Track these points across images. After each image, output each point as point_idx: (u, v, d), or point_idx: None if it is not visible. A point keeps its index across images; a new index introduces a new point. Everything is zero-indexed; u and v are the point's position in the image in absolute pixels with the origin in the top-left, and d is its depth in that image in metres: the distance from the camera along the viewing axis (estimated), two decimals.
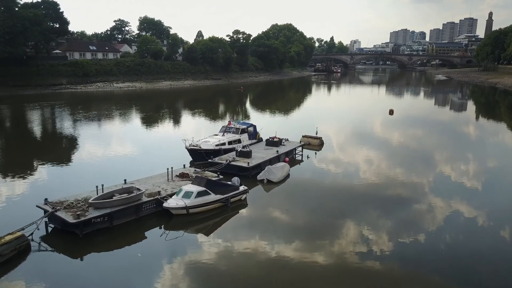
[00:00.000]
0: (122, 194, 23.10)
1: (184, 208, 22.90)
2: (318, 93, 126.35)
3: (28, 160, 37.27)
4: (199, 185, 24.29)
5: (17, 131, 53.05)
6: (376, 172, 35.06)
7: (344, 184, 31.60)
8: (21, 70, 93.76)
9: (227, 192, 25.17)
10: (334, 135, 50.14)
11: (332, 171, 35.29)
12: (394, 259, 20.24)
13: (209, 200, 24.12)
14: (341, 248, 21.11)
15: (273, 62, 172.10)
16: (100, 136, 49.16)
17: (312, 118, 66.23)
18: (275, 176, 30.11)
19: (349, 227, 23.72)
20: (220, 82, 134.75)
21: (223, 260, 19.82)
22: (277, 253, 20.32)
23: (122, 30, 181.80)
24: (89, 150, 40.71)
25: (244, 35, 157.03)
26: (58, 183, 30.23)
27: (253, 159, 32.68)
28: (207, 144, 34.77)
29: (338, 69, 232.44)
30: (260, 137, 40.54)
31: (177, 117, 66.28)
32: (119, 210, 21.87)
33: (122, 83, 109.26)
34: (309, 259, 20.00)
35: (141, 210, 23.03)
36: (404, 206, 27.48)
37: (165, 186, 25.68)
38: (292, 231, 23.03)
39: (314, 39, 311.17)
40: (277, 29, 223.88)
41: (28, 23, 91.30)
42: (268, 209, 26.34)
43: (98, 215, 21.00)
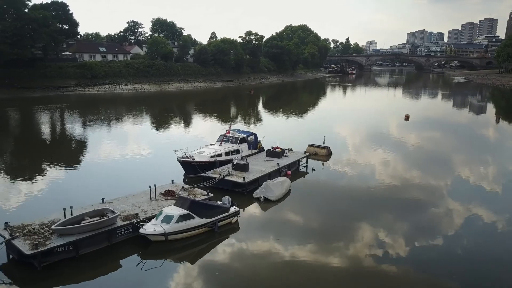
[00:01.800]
0: (94, 217, 20.38)
1: (162, 234, 20.04)
2: (331, 95, 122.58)
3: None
4: (182, 207, 21.41)
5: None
6: (389, 186, 31.95)
7: (352, 201, 28.35)
8: (28, 72, 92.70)
9: (215, 215, 22.23)
10: (343, 144, 46.76)
11: (339, 185, 32.14)
12: (410, 263, 20.01)
13: (193, 225, 21.22)
14: (356, 252, 20.81)
15: (286, 64, 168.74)
16: (87, 145, 46.45)
17: (323, 123, 62.88)
18: (273, 193, 27.05)
19: (362, 237, 21.63)
20: (231, 84, 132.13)
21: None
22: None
23: (135, 32, 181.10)
24: (72, 161, 37.82)
25: (256, 36, 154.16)
26: (31, 201, 26.95)
27: (250, 173, 29.70)
28: (201, 155, 31.88)
29: (353, 70, 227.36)
30: (261, 147, 37.48)
31: (178, 122, 63.42)
32: (88, 237, 19.15)
33: (131, 85, 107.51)
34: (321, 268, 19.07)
35: (115, 236, 20.28)
36: (421, 210, 26.95)
37: (145, 207, 22.89)
38: (289, 263, 20.04)
39: (329, 40, 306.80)
40: (291, 30, 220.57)
41: (36, 25, 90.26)
42: (262, 233, 23.27)
43: (61, 244, 18.32)
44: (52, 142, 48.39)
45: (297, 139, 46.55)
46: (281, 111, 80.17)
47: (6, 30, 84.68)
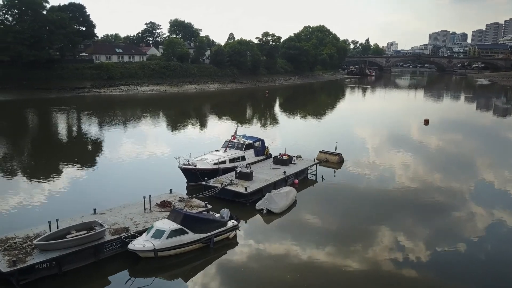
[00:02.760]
0: (81, 231, 19.19)
1: (151, 251, 18.68)
2: (348, 98, 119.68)
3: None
4: (174, 221, 20.02)
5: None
6: (405, 194, 30.36)
7: (363, 213, 26.45)
8: (46, 73, 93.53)
9: (211, 230, 20.75)
10: (357, 150, 44.57)
11: (351, 194, 30.24)
12: (431, 268, 19.70)
13: (186, 241, 19.80)
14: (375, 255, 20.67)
15: (304, 65, 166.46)
16: (89, 149, 45.59)
17: (338, 127, 60.88)
18: (276, 205, 25.41)
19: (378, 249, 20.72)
20: (247, 85, 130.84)
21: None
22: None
23: (153, 33, 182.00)
24: (71, 166, 36.53)
25: (273, 37, 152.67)
26: (21, 209, 25.81)
27: (254, 182, 28.14)
28: (204, 162, 30.45)
29: (373, 72, 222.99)
30: (269, 153, 35.86)
31: (187, 125, 61.72)
32: (72, 252, 17.97)
33: (146, 86, 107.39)
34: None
35: (102, 252, 19.04)
36: (442, 214, 26.63)
37: (138, 219, 21.60)
38: (290, 283, 18.43)
39: (349, 41, 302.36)
40: (309, 31, 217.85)
41: (53, 27, 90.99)
42: (262, 250, 21.66)
43: (43, 260, 17.16)
44: (55, 144, 47.55)
45: (308, 145, 44.90)
46: (295, 114, 78.34)
47: (25, 32, 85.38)
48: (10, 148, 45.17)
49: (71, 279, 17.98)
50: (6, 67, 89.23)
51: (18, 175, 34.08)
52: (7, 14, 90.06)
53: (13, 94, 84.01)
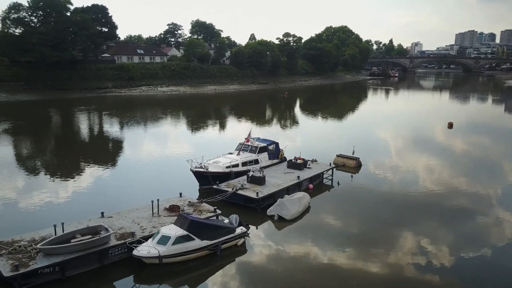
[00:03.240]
0: (86, 235, 18.89)
1: (156, 257, 18.21)
2: (369, 99, 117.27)
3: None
4: (181, 227, 19.50)
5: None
6: (426, 201, 29.00)
7: (381, 220, 25.37)
8: (68, 73, 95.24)
9: (218, 236, 20.15)
10: (376, 154, 43.21)
11: (367, 200, 29.12)
12: (454, 274, 19.39)
13: (191, 248, 19.24)
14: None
15: (325, 66, 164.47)
16: (105, 150, 45.55)
17: (357, 130, 59.46)
18: (288, 211, 24.60)
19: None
20: (266, 86, 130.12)
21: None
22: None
23: (175, 34, 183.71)
24: (87, 168, 36.26)
25: (294, 38, 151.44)
26: (33, 211, 25.66)
27: (266, 186, 27.40)
28: (216, 165, 29.89)
29: (396, 73, 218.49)
30: (283, 157, 35.02)
31: (203, 127, 61.12)
32: (76, 257, 17.67)
33: (166, 87, 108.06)
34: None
35: (107, 257, 18.69)
36: (468, 219, 26.20)
37: (145, 224, 21.19)
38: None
39: (372, 42, 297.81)
40: (331, 31, 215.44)
41: (76, 28, 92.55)
42: (271, 258, 20.91)
43: (46, 265, 16.90)
44: (73, 145, 47.78)
45: (326, 148, 43.95)
46: (314, 116, 77.20)
47: (49, 33, 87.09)
48: (27, 148, 45.76)
49: (74, 284, 17.69)
50: (32, 68, 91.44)
51: (32, 175, 34.31)
52: (32, 16, 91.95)
53: (37, 94, 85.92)
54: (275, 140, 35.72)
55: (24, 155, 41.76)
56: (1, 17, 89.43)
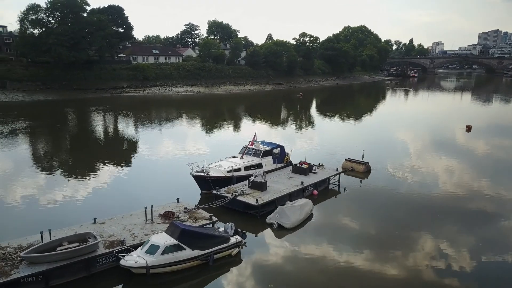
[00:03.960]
0: (73, 242, 18.30)
1: (144, 268, 17.46)
2: (386, 100, 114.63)
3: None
4: (172, 235, 18.72)
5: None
6: (440, 206, 27.89)
7: (390, 227, 24.12)
8: (84, 74, 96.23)
9: (211, 246, 19.30)
10: (388, 157, 41.74)
11: (375, 207, 27.90)
12: (475, 278, 19.08)
13: (182, 258, 18.45)
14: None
15: (342, 66, 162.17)
16: (110, 152, 44.54)
17: (371, 132, 57.83)
18: (288, 220, 23.56)
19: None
20: (282, 87, 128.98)
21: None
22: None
23: (191, 34, 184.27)
24: (89, 170, 35.53)
25: (311, 38, 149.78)
26: (22, 216, 25.11)
27: (267, 192, 26.42)
28: (218, 169, 29.07)
29: (415, 73, 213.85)
30: (289, 161, 33.93)
31: (213, 128, 60.52)
32: (62, 266, 17.08)
33: (181, 87, 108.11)
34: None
35: (94, 266, 18.04)
36: (489, 223, 25.67)
37: (137, 231, 20.49)
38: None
39: (392, 42, 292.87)
40: (349, 31, 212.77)
41: (93, 29, 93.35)
42: (267, 269, 19.98)
43: (29, 274, 16.35)
44: (79, 146, 47.78)
45: (336, 151, 42.69)
46: (327, 117, 75.71)
47: (65, 34, 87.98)
48: (31, 149, 45.77)
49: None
50: (49, 68, 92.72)
51: (28, 177, 33.96)
52: (49, 17, 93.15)
53: (54, 94, 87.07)
54: (280, 144, 34.59)
55: (27, 156, 41.55)
56: (20, 18, 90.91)
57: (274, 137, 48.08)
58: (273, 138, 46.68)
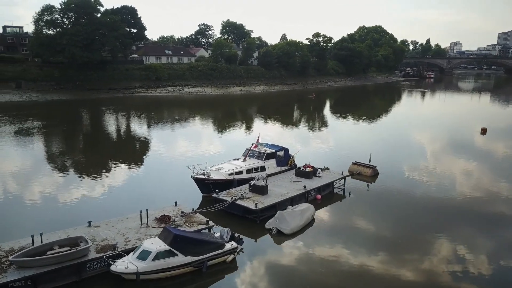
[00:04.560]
0: (64, 246, 18.01)
1: (134, 274, 17.05)
2: (401, 101, 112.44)
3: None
4: (164, 241, 18.28)
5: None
6: (452, 211, 26.85)
7: (394, 234, 23.23)
8: (98, 74, 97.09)
9: (204, 252, 18.80)
10: (397, 161, 40.64)
11: (380, 213, 27.01)
12: (493, 283, 18.72)
13: (173, 264, 17.98)
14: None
15: (356, 66, 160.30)
16: (117, 152, 44.31)
17: (382, 135, 56.67)
18: (287, 225, 22.89)
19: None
20: (294, 87, 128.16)
21: None
22: None
23: (205, 34, 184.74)
24: (93, 171, 35.43)
25: (324, 38, 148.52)
26: (15, 218, 24.84)
27: (268, 196, 25.79)
28: (219, 172, 28.56)
29: (432, 74, 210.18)
30: (293, 164, 33.23)
31: (221, 129, 59.97)
32: (51, 270, 16.80)
33: (192, 87, 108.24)
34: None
35: (85, 271, 17.72)
36: (509, 226, 25.34)
37: (131, 235, 20.12)
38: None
39: (408, 42, 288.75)
40: (364, 31, 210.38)
41: (106, 29, 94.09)
42: (263, 277, 19.35)
43: (17, 278, 16.09)
44: (87, 146, 48.01)
45: (344, 154, 41.69)
46: (338, 119, 74.64)
47: (79, 35, 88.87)
48: (36, 149, 46.10)
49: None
50: (63, 68, 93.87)
51: (37, 176, 34.06)
52: (63, 17, 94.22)
53: (68, 94, 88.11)
54: (284, 146, 33.85)
55: (31, 156, 41.82)
56: (35, 19, 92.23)
57: (282, 139, 47.45)
58: (281, 139, 46.09)
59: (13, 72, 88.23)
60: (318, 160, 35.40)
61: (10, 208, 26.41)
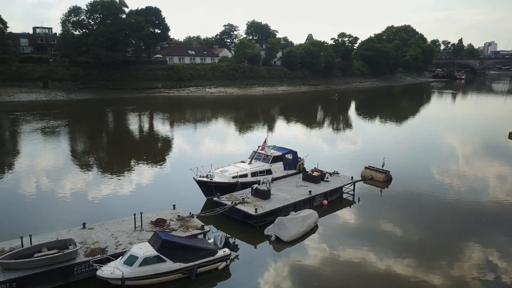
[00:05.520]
0: (53, 249, 17.79)
1: (119, 279, 16.60)
2: (429, 103, 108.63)
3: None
4: (153, 246, 17.77)
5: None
6: (463, 228, 24.80)
7: (401, 246, 21.94)
8: (121, 74, 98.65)
9: (194, 259, 18.17)
10: (413, 166, 38.80)
11: (389, 220, 25.65)
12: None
13: (161, 271, 17.44)
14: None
15: (383, 67, 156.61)
16: (130, 152, 44.28)
17: (402, 138, 54.70)
18: (287, 232, 21.98)
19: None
20: (318, 88, 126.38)
21: None
22: None
23: (230, 35, 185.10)
24: (94, 169, 35.81)
25: (350, 38, 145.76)
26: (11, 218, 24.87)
27: (270, 201, 24.95)
28: (222, 175, 27.93)
29: (463, 75, 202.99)
30: (302, 167, 32.18)
31: (235, 131, 59.36)
32: (37, 273, 16.59)
33: (214, 88, 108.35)
34: None
35: (73, 274, 17.43)
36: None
37: (123, 239, 19.74)
38: None
39: (439, 42, 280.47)
40: (392, 31, 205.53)
41: (130, 30, 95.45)
42: (257, 287, 18.53)
43: (2, 280, 15.97)
44: (100, 145, 48.40)
45: (358, 158, 40.32)
46: (360, 120, 72.76)
47: (103, 35, 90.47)
48: (48, 147, 46.76)
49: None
50: (88, 68, 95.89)
51: (45, 174, 34.37)
52: (90, 18, 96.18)
53: (91, 94, 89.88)
54: (293, 149, 32.83)
55: (43, 153, 42.42)
56: (62, 20, 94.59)
57: (296, 141, 46.51)
58: (294, 141, 45.23)
59: (41, 72, 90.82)
60: (330, 164, 34.37)
61: (13, 207, 26.64)
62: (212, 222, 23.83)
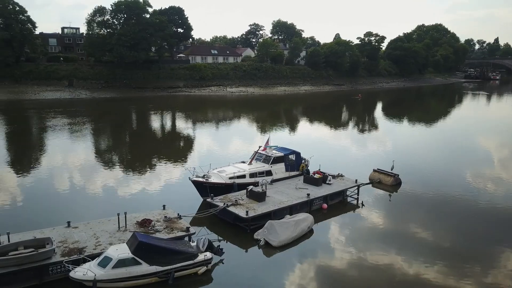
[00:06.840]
0: (30, 247, 17.49)
1: (91, 281, 16.08)
2: (459, 105, 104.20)
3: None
4: (130, 247, 17.17)
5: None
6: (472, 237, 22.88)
7: (402, 256, 20.51)
8: (144, 73, 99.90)
9: (172, 262, 17.44)
10: (428, 171, 36.77)
11: (393, 226, 24.23)
12: None
13: (136, 274, 16.79)
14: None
15: (411, 67, 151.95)
16: (140, 150, 43.90)
17: (420, 141, 52.36)
18: (276, 237, 20.92)
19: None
20: (342, 88, 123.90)
21: None
22: None
23: (256, 34, 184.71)
24: (92, 169, 35.43)
25: (376, 37, 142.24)
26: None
27: (265, 203, 23.94)
28: (219, 175, 27.13)
29: (497, 75, 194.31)
30: (305, 169, 30.95)
31: (241, 131, 57.66)
32: (10, 272, 16.28)
33: (235, 87, 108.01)
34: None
35: (47, 274, 17.06)
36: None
37: (105, 239, 19.26)
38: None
39: (474, 41, 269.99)
40: (422, 30, 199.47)
41: (153, 29, 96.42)
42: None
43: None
44: (112, 143, 48.71)
45: (370, 160, 38.61)
46: (380, 121, 70.39)
47: (127, 35, 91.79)
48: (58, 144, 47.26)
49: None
50: (111, 67, 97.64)
51: (46, 170, 34.59)
52: (114, 18, 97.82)
53: (114, 92, 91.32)
54: (296, 150, 31.58)
55: (53, 150, 42.89)
56: (87, 20, 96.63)
57: (306, 141, 45.26)
58: (303, 141, 43.99)
59: (66, 71, 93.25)
60: (339, 166, 33.04)
61: (12, 202, 26.80)
62: (204, 224, 23.13)
